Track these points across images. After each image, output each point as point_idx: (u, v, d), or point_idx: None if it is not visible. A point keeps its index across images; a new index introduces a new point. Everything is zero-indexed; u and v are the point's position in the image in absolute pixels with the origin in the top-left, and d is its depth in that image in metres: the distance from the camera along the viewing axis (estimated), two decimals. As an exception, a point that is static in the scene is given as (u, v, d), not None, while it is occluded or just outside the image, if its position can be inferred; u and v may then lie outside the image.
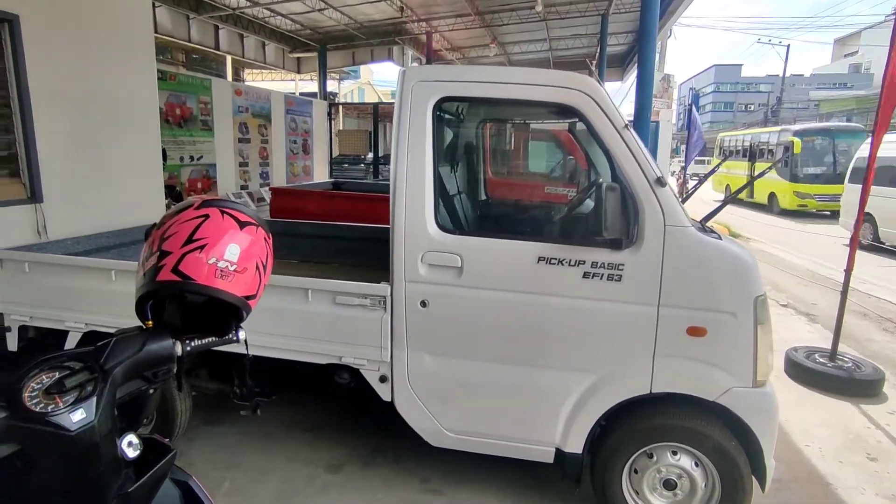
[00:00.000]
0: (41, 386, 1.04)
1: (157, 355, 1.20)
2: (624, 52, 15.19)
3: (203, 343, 1.29)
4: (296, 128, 9.52)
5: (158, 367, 1.24)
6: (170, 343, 1.21)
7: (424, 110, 2.27)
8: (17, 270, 2.86)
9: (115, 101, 4.79)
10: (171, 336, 1.20)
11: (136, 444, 1.06)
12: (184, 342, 1.23)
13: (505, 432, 2.38)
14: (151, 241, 1.15)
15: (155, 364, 1.21)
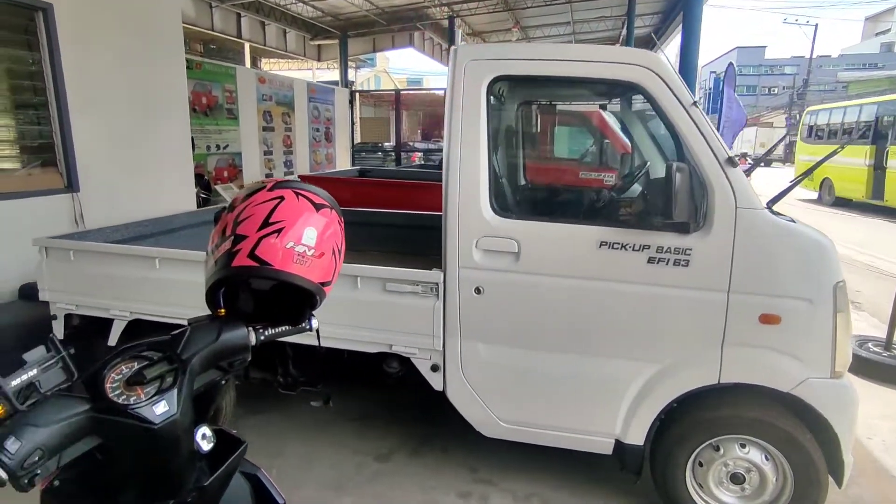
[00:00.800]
0: (121, 377, 1.00)
1: (233, 345, 1.15)
2: (648, 34, 14.80)
3: (276, 332, 1.25)
4: (318, 116, 9.46)
5: (234, 357, 1.19)
6: (244, 332, 1.17)
7: (478, 90, 2.18)
8: (61, 259, 2.86)
9: (146, 90, 4.79)
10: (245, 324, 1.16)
11: (209, 437, 1.03)
12: (257, 331, 1.19)
13: (562, 423, 2.31)
14: (223, 226, 1.10)
15: (230, 354, 1.17)
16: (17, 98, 3.99)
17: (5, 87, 3.92)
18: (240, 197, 1.13)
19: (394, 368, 2.54)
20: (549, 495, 2.54)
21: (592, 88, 2.41)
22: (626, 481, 2.51)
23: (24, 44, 3.90)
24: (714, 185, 1.97)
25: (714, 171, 1.97)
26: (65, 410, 0.94)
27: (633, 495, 2.50)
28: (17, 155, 3.97)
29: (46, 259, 2.90)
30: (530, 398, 2.31)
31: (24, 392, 0.92)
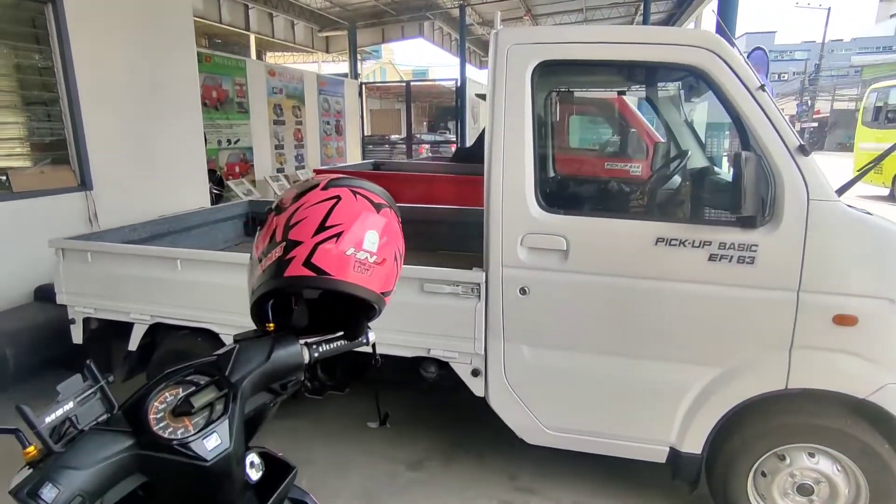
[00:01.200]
0: (166, 406, 0.87)
1: (287, 364, 1.03)
2: (663, 20, 14.47)
3: (331, 348, 1.11)
4: (328, 108, 9.30)
5: (287, 378, 1.07)
6: (298, 349, 1.04)
7: (522, 77, 2.03)
8: (79, 260, 2.75)
9: (158, 84, 4.66)
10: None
11: (258, 465, 0.94)
12: (310, 347, 1.06)
13: (612, 430, 2.18)
14: (272, 230, 0.96)
15: (283, 374, 1.05)
16: (28, 94, 3.87)
17: (16, 83, 3.80)
18: (289, 197, 1.00)
19: (431, 373, 2.41)
20: (591, 502, 2.42)
21: (647, 73, 2.25)
22: (672, 488, 2.39)
23: (34, 38, 3.78)
24: (784, 175, 1.82)
25: (784, 160, 1.82)
26: (106, 448, 0.82)
27: (679, 500, 2.37)
28: (29, 153, 3.86)
29: (63, 261, 2.78)
30: (579, 404, 2.18)
31: (58, 429, 0.81)
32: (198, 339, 2.69)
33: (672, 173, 2.46)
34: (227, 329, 2.56)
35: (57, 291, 2.82)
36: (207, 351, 2.81)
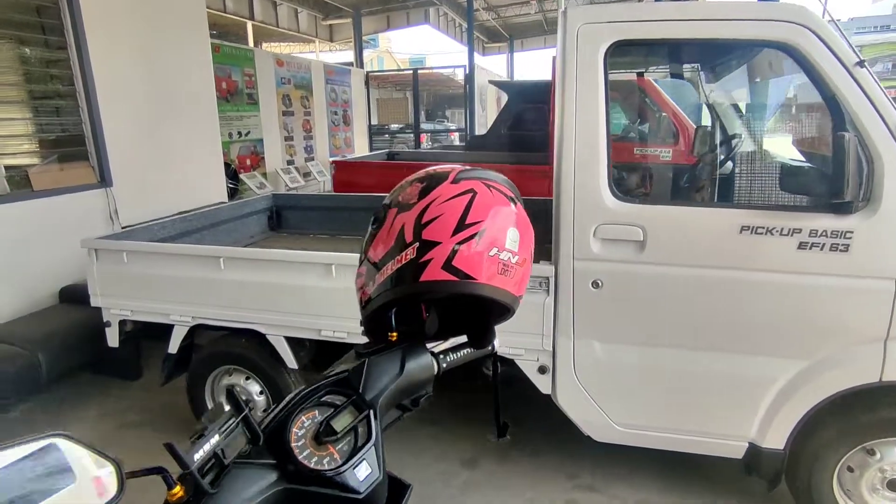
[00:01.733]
0: (304, 431, 0.78)
1: (420, 378, 0.94)
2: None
3: (459, 357, 1.02)
4: (336, 98, 9.11)
5: (418, 392, 0.98)
6: (430, 360, 0.95)
7: (595, 58, 1.91)
8: (114, 261, 2.63)
9: (173, 76, 4.51)
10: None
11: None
12: (438, 358, 0.96)
13: (687, 426, 2.09)
14: (396, 229, 0.85)
15: (416, 388, 0.95)
16: (45, 89, 3.73)
17: (31, 78, 3.65)
18: (413, 192, 0.88)
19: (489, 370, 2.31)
20: (661, 501, 2.34)
21: (729, 52, 2.13)
22: (742, 484, 2.32)
23: (49, 30, 3.62)
24: (885, 157, 1.71)
25: (886, 141, 1.71)
26: (254, 484, 0.74)
27: (749, 496, 2.30)
28: (47, 150, 3.72)
29: (97, 262, 2.67)
30: (653, 400, 2.09)
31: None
32: (241, 340, 2.59)
33: (753, 158, 2.33)
34: (275, 330, 2.46)
35: (91, 294, 2.70)
36: (252, 353, 2.70)
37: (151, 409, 3.21)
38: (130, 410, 3.21)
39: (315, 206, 4.22)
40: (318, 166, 8.31)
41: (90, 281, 2.68)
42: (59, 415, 3.15)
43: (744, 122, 2.21)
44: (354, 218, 4.12)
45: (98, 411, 3.20)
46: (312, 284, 2.33)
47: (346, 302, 2.31)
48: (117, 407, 3.25)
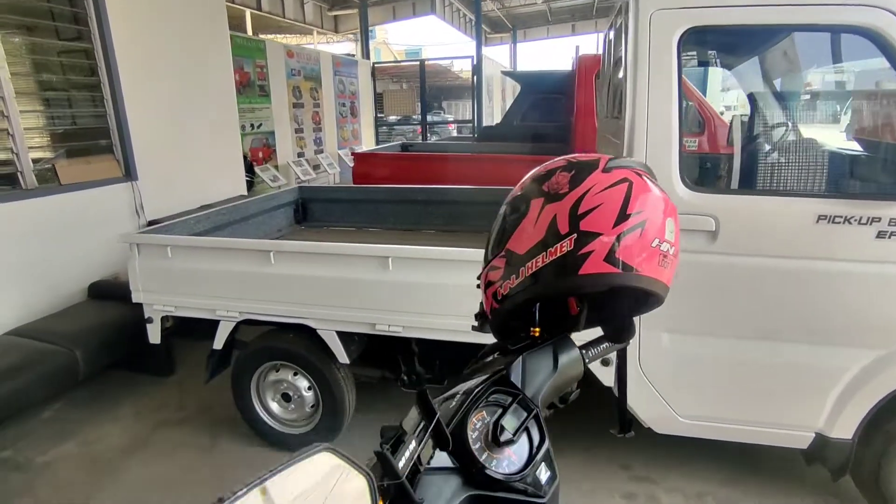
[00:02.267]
0: (477, 433, 0.75)
1: (570, 374, 0.92)
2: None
3: (600, 351, 0.99)
4: (343, 90, 9.01)
5: (567, 390, 0.95)
6: (578, 355, 0.92)
7: (668, 46, 1.87)
8: (157, 256, 2.58)
9: (194, 68, 4.43)
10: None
11: None
12: (582, 353, 0.94)
13: (754, 416, 2.08)
14: (546, 219, 0.82)
15: (566, 385, 0.93)
16: (70, 79, 3.64)
17: (55, 67, 3.56)
18: (561, 181, 0.84)
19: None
20: (721, 493, 2.34)
21: (810, 38, 2.09)
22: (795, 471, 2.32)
23: (71, 18, 3.52)
24: (970, 144, 1.69)
25: (970, 127, 1.69)
26: (443, 491, 0.70)
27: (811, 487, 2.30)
28: (72, 143, 3.63)
29: (139, 257, 2.61)
30: (720, 391, 2.08)
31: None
32: (289, 335, 2.55)
33: (827, 146, 2.29)
34: (326, 324, 2.42)
35: (132, 289, 2.65)
36: (301, 348, 2.66)
37: (187, 407, 3.16)
38: (166, 408, 3.17)
39: (341, 198, 4.17)
40: (329, 158, 8.23)
41: (132, 276, 2.63)
42: (94, 414, 3.10)
43: (816, 110, 2.19)
44: (381, 210, 4.08)
45: (132, 409, 3.16)
46: (368, 278, 2.29)
47: (402, 295, 2.29)
48: (152, 405, 3.20)
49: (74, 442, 2.86)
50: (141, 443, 2.84)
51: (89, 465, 2.69)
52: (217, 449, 2.76)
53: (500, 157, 5.38)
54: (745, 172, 2.11)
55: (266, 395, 2.67)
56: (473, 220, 3.96)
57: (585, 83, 4.84)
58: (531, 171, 0.95)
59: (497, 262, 0.91)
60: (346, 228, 4.15)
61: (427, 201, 4.00)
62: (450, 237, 3.84)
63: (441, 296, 2.22)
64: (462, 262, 2.19)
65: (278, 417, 2.69)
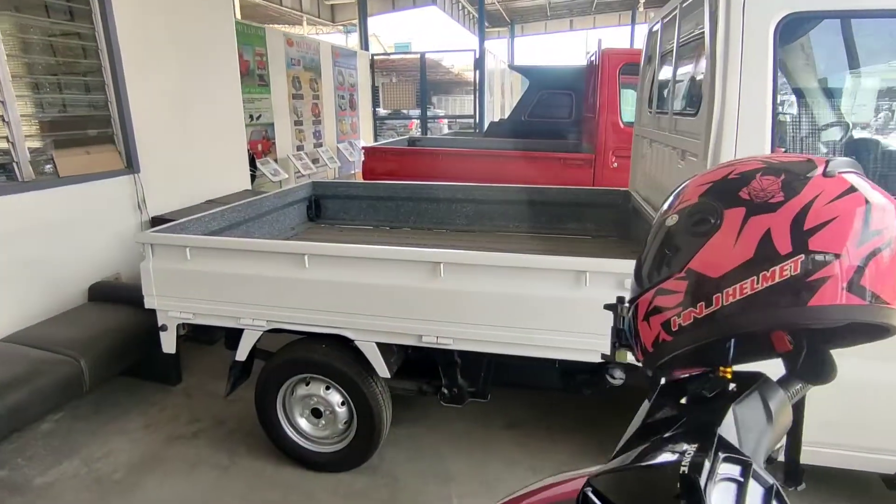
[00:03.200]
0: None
1: (782, 427, 0.77)
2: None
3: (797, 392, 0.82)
4: (343, 82, 8.72)
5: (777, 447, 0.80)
6: (786, 400, 0.76)
7: (763, 35, 1.70)
8: (174, 258, 2.34)
9: (198, 56, 4.15)
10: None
11: None
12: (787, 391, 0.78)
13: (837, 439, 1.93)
14: (755, 235, 0.64)
15: (778, 440, 0.78)
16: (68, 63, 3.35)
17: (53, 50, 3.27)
18: (769, 187, 0.67)
19: (618, 378, 2.12)
20: None
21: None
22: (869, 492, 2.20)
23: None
24: None
25: None
26: None
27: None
28: (72, 132, 3.34)
29: (153, 258, 2.37)
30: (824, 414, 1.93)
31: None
32: (321, 346, 2.34)
33: None
34: (365, 335, 2.22)
35: (145, 294, 2.41)
36: (336, 360, 2.44)
37: (200, 419, 2.93)
38: (177, 420, 2.93)
39: (358, 195, 3.95)
40: (328, 152, 7.96)
41: (145, 280, 2.39)
42: (99, 426, 2.85)
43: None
44: (401, 208, 3.88)
45: (141, 422, 2.91)
46: (415, 285, 2.09)
47: (453, 305, 2.10)
48: (161, 417, 2.96)
49: (78, 459, 2.62)
50: (153, 459, 2.60)
51: (95, 485, 2.46)
52: (237, 468, 2.54)
53: (515, 154, 5.20)
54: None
55: (294, 411, 2.46)
56: (498, 219, 3.79)
57: (609, 78, 4.68)
58: (699, 176, 0.77)
59: (672, 285, 0.72)
60: (362, 227, 3.94)
61: (451, 199, 3.81)
62: (476, 237, 3.65)
63: (496, 306, 2.03)
64: (521, 269, 2.01)
65: (308, 435, 2.48)
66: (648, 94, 3.08)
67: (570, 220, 3.68)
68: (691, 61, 2.32)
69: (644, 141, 3.11)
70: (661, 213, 0.82)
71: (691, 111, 2.18)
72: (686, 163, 2.19)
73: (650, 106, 3.00)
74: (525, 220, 3.75)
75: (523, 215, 3.75)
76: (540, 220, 3.72)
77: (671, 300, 0.71)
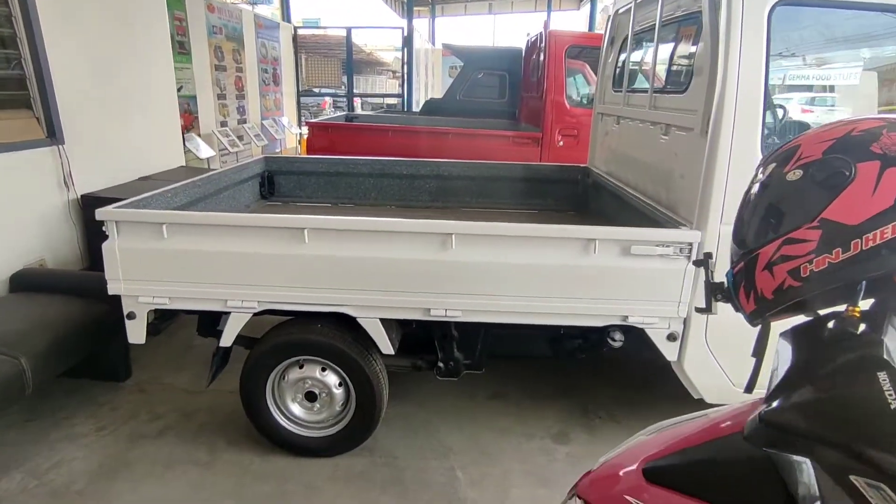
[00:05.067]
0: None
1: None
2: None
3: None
4: (266, 55, 8.14)
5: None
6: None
7: (758, 20, 1.85)
8: (146, 237, 2.09)
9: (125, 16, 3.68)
10: None
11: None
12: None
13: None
14: (893, 183, 0.74)
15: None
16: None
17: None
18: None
19: (618, 341, 2.24)
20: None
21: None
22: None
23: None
24: None
25: None
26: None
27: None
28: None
29: (118, 238, 2.10)
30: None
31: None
32: (316, 326, 2.22)
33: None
34: (369, 312, 2.15)
35: (109, 279, 2.13)
36: (335, 339, 2.40)
37: (164, 415, 2.68)
38: (136, 419, 2.65)
39: (313, 171, 3.76)
40: (254, 129, 7.44)
41: (108, 263, 2.11)
42: (40, 434, 2.50)
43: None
44: (362, 184, 3.75)
45: (91, 425, 2.60)
46: (425, 257, 2.05)
47: (464, 277, 2.08)
48: (116, 417, 2.66)
49: (22, 471, 2.28)
50: (117, 464, 2.34)
51: (52, 499, 2.16)
52: (220, 463, 2.36)
53: (465, 132, 5.22)
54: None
55: (286, 397, 2.32)
56: (462, 195, 3.80)
57: (556, 60, 4.82)
58: (813, 134, 0.84)
59: (802, 234, 0.79)
60: (321, 204, 3.76)
61: (414, 175, 3.75)
62: (441, 213, 3.63)
63: (507, 276, 2.06)
64: (532, 238, 2.04)
65: (300, 420, 2.36)
66: (613, 74, 3.22)
67: (533, 196, 3.78)
68: (674, 42, 2.46)
69: (608, 119, 3.26)
70: (773, 172, 0.87)
71: (677, 88, 2.32)
72: (671, 137, 2.33)
73: (617, 85, 3.15)
74: (488, 196, 3.80)
75: (486, 191, 3.79)
76: (503, 195, 3.78)
77: (801, 248, 0.77)
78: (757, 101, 1.89)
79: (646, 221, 2.60)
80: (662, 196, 2.46)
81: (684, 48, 2.37)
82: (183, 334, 3.38)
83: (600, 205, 3.52)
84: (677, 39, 2.50)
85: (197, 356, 3.18)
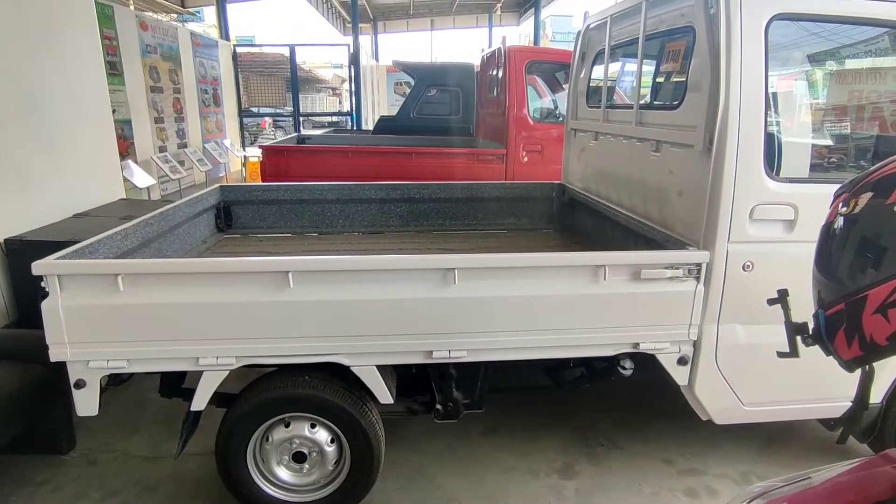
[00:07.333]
0: None
1: None
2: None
3: None
4: (205, 74, 7.68)
5: None
6: None
7: (756, 32, 1.83)
8: (97, 292, 1.79)
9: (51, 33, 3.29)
10: None
11: None
12: None
13: (808, 394, 2.19)
14: None
15: None
16: None
17: None
18: None
19: (628, 369, 2.14)
20: (758, 469, 2.44)
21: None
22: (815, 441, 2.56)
23: None
24: None
25: None
26: None
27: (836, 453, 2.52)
28: None
29: (61, 294, 1.78)
30: (785, 374, 2.13)
31: None
32: (303, 378, 1.99)
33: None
34: (364, 359, 1.94)
35: (50, 343, 1.81)
36: (325, 392, 2.20)
37: (120, 490, 2.33)
38: (84, 499, 2.28)
39: (274, 199, 3.49)
40: (197, 153, 6.96)
41: (50, 325, 1.79)
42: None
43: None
44: (327, 212, 3.52)
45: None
46: (424, 296, 1.87)
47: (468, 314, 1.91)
48: (60, 498, 2.28)
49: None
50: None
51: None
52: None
53: (428, 151, 5.08)
54: (825, 159, 2.20)
55: (271, 460, 2.06)
56: (434, 218, 3.64)
57: (517, 75, 4.78)
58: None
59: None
60: (283, 235, 3.49)
61: (384, 199, 3.56)
62: (415, 239, 3.46)
63: (514, 310, 1.91)
64: (540, 268, 1.91)
65: (288, 485, 2.09)
66: (587, 90, 3.18)
67: (506, 216, 3.68)
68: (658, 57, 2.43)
69: (584, 135, 3.21)
70: (871, 203, 0.79)
71: (667, 104, 2.28)
72: (664, 153, 2.28)
73: (592, 101, 3.11)
74: (461, 218, 3.66)
75: (459, 212, 3.65)
76: (476, 216, 3.66)
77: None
78: (759, 116, 1.86)
79: (632, 237, 2.54)
80: (654, 213, 2.40)
81: (672, 64, 2.34)
82: (134, 388, 3.00)
83: (576, 221, 3.47)
84: (662, 55, 2.47)
85: (153, 414, 2.82)
